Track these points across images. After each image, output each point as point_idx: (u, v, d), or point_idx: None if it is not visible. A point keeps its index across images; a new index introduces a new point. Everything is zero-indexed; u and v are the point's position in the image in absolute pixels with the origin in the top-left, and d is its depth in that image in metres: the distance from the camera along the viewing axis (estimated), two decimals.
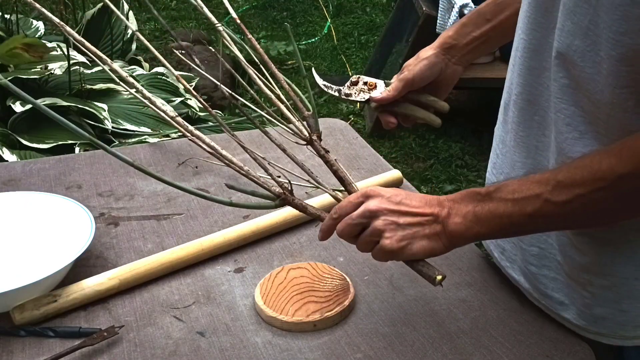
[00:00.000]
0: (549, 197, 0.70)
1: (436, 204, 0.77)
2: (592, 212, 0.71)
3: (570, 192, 0.69)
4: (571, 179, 0.69)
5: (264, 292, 0.92)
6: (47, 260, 0.93)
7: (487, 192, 0.75)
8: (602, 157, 0.68)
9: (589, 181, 0.68)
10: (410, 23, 3.34)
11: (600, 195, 0.68)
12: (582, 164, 0.69)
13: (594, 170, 0.68)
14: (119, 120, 2.15)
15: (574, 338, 0.86)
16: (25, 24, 2.58)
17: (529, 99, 0.83)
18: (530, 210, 0.71)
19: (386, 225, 0.77)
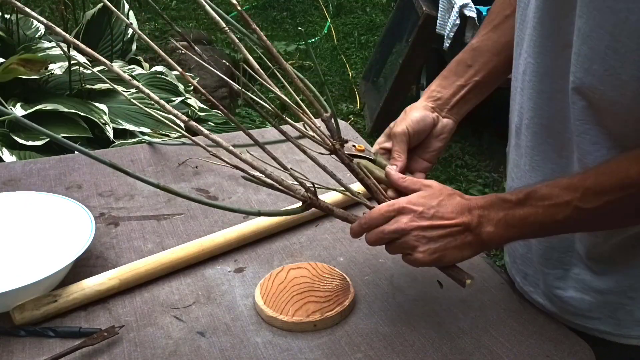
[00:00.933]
0: (579, 204, 0.70)
1: (467, 212, 0.76)
2: (621, 215, 0.72)
3: (600, 198, 0.70)
4: (600, 186, 0.70)
5: (264, 292, 0.92)
6: (47, 260, 0.93)
7: (518, 199, 0.74)
8: (629, 163, 0.68)
9: (617, 187, 0.69)
10: (410, 23, 3.34)
11: (630, 200, 0.69)
12: (609, 170, 0.70)
13: (622, 177, 0.68)
14: (119, 120, 2.15)
15: (574, 338, 0.86)
16: (25, 24, 2.58)
17: (541, 123, 0.81)
18: (561, 217, 0.72)
19: (418, 240, 0.77)
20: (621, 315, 0.84)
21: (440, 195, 0.78)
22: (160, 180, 1.23)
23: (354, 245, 1.05)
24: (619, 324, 0.85)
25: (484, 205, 0.76)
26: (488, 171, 3.13)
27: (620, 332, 0.85)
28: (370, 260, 1.01)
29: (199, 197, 0.78)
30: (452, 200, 0.77)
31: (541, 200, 0.73)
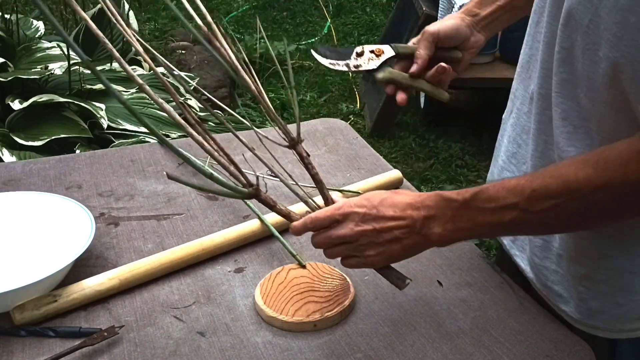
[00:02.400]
0: (525, 206, 0.70)
1: (410, 210, 0.76)
2: (568, 219, 0.72)
3: (546, 201, 0.69)
4: (546, 189, 0.69)
5: (264, 292, 0.92)
6: (47, 260, 0.93)
7: (464, 200, 0.74)
8: (577, 167, 0.68)
9: (564, 191, 0.69)
10: (410, 23, 3.34)
11: (575, 205, 0.69)
12: (557, 173, 0.70)
13: (569, 181, 0.68)
14: (119, 120, 2.15)
15: (574, 338, 0.86)
16: (25, 24, 2.58)
17: (540, 93, 0.84)
18: (508, 219, 0.72)
19: (365, 245, 0.77)
20: (578, 301, 0.85)
21: (383, 194, 0.78)
22: (160, 180, 1.23)
23: None
24: (578, 310, 0.86)
25: (430, 205, 0.75)
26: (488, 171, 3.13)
27: (577, 317, 0.86)
28: None
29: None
30: (394, 198, 0.77)
31: (488, 202, 0.72)
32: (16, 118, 2.07)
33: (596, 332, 0.86)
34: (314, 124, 1.47)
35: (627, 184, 0.66)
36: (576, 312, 0.86)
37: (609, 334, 0.85)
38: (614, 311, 0.83)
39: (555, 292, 0.88)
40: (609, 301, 0.83)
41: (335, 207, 0.79)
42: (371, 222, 0.76)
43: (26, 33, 2.51)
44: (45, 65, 2.17)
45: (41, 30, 2.56)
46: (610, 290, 0.82)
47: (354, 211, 0.77)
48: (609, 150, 0.68)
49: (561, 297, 0.88)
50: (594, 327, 0.85)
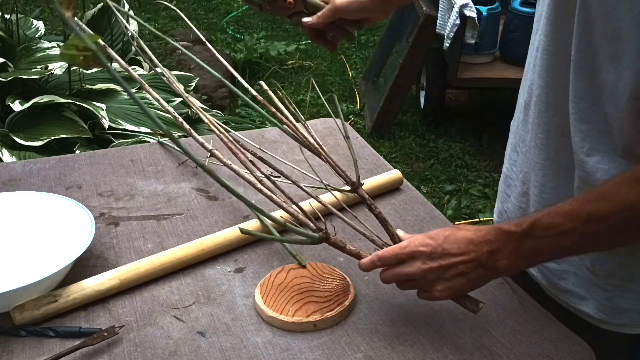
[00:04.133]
0: (583, 230, 0.72)
1: (473, 246, 0.78)
2: (623, 236, 0.74)
3: (603, 224, 0.72)
4: (601, 211, 0.71)
5: (264, 292, 0.92)
6: (47, 260, 0.93)
7: (523, 230, 0.76)
8: (628, 187, 0.70)
9: (619, 212, 0.71)
10: (410, 23, 3.34)
11: (631, 222, 0.71)
12: (609, 194, 0.71)
13: (622, 201, 0.70)
14: (119, 121, 2.15)
15: (574, 338, 0.86)
16: (25, 24, 2.58)
17: (547, 101, 0.84)
18: (569, 244, 0.75)
19: (433, 281, 0.80)
20: (603, 301, 0.86)
21: (445, 232, 0.80)
22: (160, 180, 1.23)
23: (354, 245, 1.04)
24: (602, 309, 0.87)
25: (492, 239, 0.77)
26: (488, 171, 3.13)
27: (600, 316, 0.88)
28: None
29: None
30: (457, 235, 0.79)
31: (546, 231, 0.74)
32: (16, 118, 2.07)
33: (623, 329, 0.87)
34: (314, 124, 1.47)
35: None
36: (600, 312, 0.87)
37: (635, 329, 0.87)
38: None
39: (576, 294, 0.90)
40: (636, 299, 0.85)
41: (401, 247, 0.81)
42: (437, 260, 0.78)
43: (26, 33, 2.51)
44: (45, 65, 2.17)
45: (41, 30, 2.56)
46: (637, 287, 0.84)
47: (419, 250, 0.79)
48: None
49: (582, 298, 0.89)
50: (621, 324, 0.87)
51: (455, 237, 0.79)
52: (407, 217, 1.12)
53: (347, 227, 0.90)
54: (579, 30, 0.75)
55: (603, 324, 0.89)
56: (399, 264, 0.81)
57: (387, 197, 1.19)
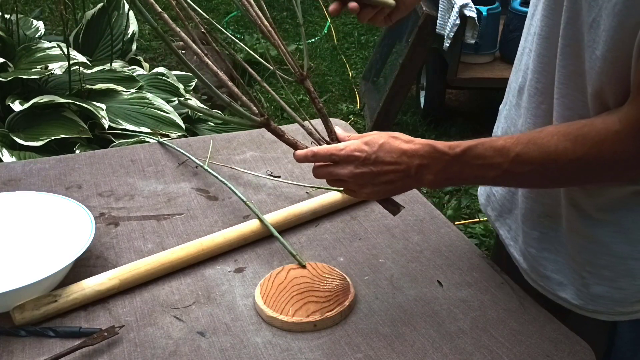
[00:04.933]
0: (508, 167, 0.77)
1: (406, 157, 0.82)
2: (543, 182, 0.81)
3: (526, 166, 0.77)
4: (528, 155, 0.76)
5: (264, 292, 0.92)
6: (47, 260, 0.93)
7: (455, 154, 0.80)
8: (559, 139, 0.75)
9: (543, 160, 0.75)
10: (410, 23, 3.34)
11: (552, 172, 0.77)
12: (540, 142, 0.76)
13: (550, 151, 0.75)
14: (119, 120, 2.15)
15: (574, 338, 0.86)
16: (25, 24, 2.58)
17: (537, 87, 0.86)
18: (492, 176, 0.80)
19: (362, 185, 0.84)
20: (580, 287, 0.89)
21: (380, 139, 0.83)
22: (160, 180, 1.23)
23: (354, 245, 1.05)
24: (579, 296, 0.89)
25: (424, 155, 0.82)
26: None
27: (578, 302, 0.89)
28: (370, 260, 1.01)
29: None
30: (392, 144, 0.83)
31: (476, 159, 0.79)
32: (16, 118, 2.07)
33: (598, 316, 0.89)
34: (314, 124, 1.47)
35: (600, 159, 0.73)
36: (577, 299, 0.89)
37: (610, 317, 0.88)
38: (615, 295, 0.86)
39: (554, 280, 0.91)
40: (612, 286, 0.86)
41: (337, 149, 0.84)
42: (369, 166, 0.82)
43: (26, 33, 2.51)
44: (45, 65, 2.17)
45: (41, 30, 2.56)
46: (613, 276, 0.85)
47: (354, 155, 0.83)
48: (588, 127, 0.74)
49: (560, 284, 0.91)
50: (596, 311, 0.88)
51: (390, 146, 0.83)
52: (407, 217, 1.12)
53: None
54: (566, 16, 0.77)
55: (580, 310, 0.90)
56: (333, 163, 0.85)
57: None
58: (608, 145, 0.72)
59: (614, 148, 0.71)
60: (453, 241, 1.06)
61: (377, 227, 1.10)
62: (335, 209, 1.13)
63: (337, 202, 1.14)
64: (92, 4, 3.19)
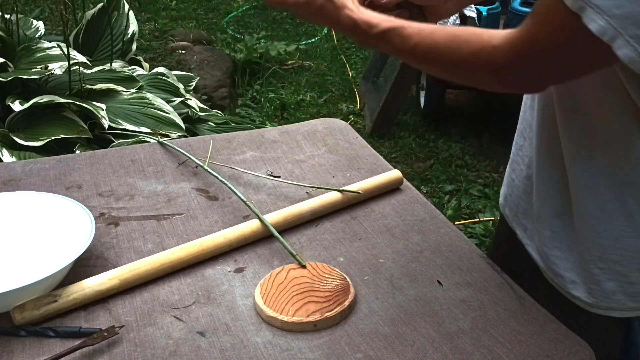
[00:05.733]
0: (407, 55, 0.88)
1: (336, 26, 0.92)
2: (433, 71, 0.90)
3: (419, 57, 0.87)
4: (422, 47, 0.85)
5: (264, 292, 0.92)
6: (47, 260, 0.93)
7: (373, 35, 0.89)
8: (449, 39, 0.84)
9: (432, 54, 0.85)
10: None
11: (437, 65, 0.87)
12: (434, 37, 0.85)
13: (438, 48, 0.84)
14: (119, 120, 2.15)
15: (574, 338, 0.86)
16: (25, 24, 2.58)
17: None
18: (398, 57, 0.98)
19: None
20: (592, 285, 0.90)
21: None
22: (160, 180, 1.23)
23: (354, 245, 1.05)
24: (591, 294, 0.91)
25: (349, 27, 0.90)
26: (488, 171, 3.13)
27: (590, 300, 0.91)
28: (370, 260, 1.01)
29: None
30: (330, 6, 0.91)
31: (386, 43, 0.88)
32: (16, 118, 2.07)
33: (611, 313, 0.90)
34: (314, 124, 1.47)
35: (473, 65, 0.82)
36: (590, 297, 0.91)
37: (624, 313, 0.90)
38: (628, 290, 0.88)
39: (567, 279, 0.93)
40: (623, 281, 0.88)
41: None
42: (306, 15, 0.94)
43: (26, 33, 2.51)
44: (45, 65, 2.17)
45: (41, 30, 2.56)
46: (624, 270, 0.87)
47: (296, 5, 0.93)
48: (475, 36, 0.82)
49: (573, 283, 0.92)
50: (609, 308, 0.90)
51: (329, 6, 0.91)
52: (407, 217, 1.12)
53: None
54: None
55: (593, 308, 0.91)
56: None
57: (387, 197, 1.19)
58: (484, 55, 0.80)
59: (488, 59, 0.80)
60: (453, 241, 1.06)
61: (377, 227, 1.10)
62: (335, 209, 1.13)
63: (337, 202, 1.14)
64: (92, 4, 3.19)
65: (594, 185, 0.87)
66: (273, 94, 3.80)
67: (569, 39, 0.72)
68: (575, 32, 0.70)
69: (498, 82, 0.82)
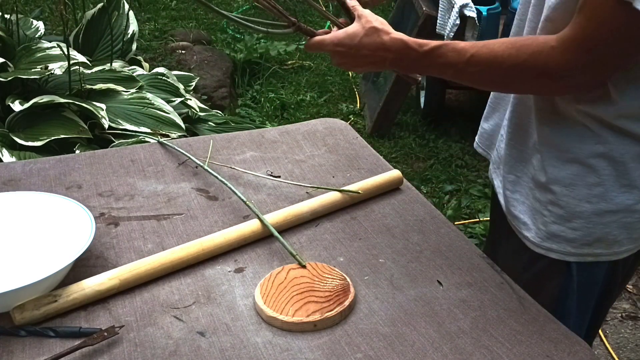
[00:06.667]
0: (463, 67, 0.91)
1: (382, 51, 0.96)
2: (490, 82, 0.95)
3: (477, 67, 0.90)
4: (480, 57, 0.90)
5: (264, 292, 0.92)
6: (47, 260, 0.93)
7: (423, 52, 0.94)
8: (506, 46, 0.88)
9: (491, 62, 0.89)
10: (410, 23, 3.34)
11: (497, 73, 0.91)
12: (491, 47, 0.89)
13: (497, 55, 0.88)
14: (119, 120, 2.15)
15: (574, 338, 0.86)
16: (25, 24, 2.58)
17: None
18: (451, 72, 0.94)
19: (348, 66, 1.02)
20: (540, 226, 1.00)
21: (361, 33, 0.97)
22: (160, 180, 1.23)
23: (354, 245, 1.05)
24: (538, 234, 1.01)
25: (397, 50, 0.95)
26: (488, 171, 3.13)
27: (536, 241, 1.01)
28: (370, 260, 1.01)
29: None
30: (372, 38, 0.96)
31: (439, 58, 0.93)
32: (16, 118, 2.07)
33: (550, 253, 1.00)
34: (314, 124, 1.47)
35: (535, 67, 0.86)
36: (536, 237, 1.01)
37: (562, 256, 0.99)
38: (569, 235, 0.98)
39: (521, 220, 1.03)
40: (567, 226, 0.97)
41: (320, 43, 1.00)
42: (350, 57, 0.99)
43: (26, 33, 2.51)
44: (45, 65, 2.17)
45: (41, 30, 2.56)
46: (568, 216, 0.97)
47: (334, 50, 0.99)
48: (532, 40, 0.88)
49: (525, 224, 1.03)
50: (549, 249, 1.00)
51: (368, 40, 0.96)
52: (407, 217, 1.12)
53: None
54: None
55: (537, 248, 1.01)
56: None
57: (387, 197, 1.19)
58: (543, 56, 0.85)
59: (548, 58, 0.84)
60: (453, 241, 1.06)
61: (377, 227, 1.10)
62: (335, 209, 1.13)
63: (337, 202, 1.14)
64: (92, 4, 3.19)
65: (552, 137, 0.95)
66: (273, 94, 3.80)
67: (622, 26, 0.77)
68: (628, 19, 0.75)
69: (558, 82, 0.86)
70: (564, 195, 0.96)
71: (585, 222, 0.96)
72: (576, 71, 0.84)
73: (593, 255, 0.98)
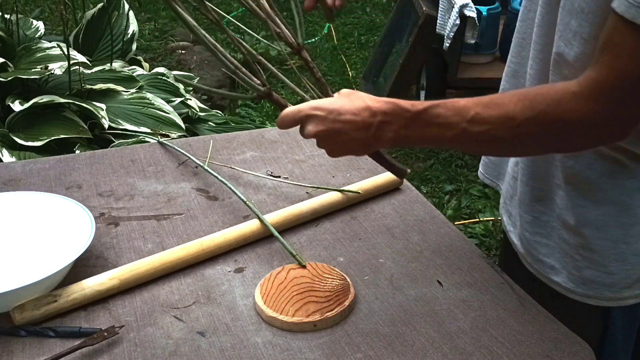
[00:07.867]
0: (466, 127, 0.76)
1: (368, 113, 0.79)
2: (499, 144, 0.79)
3: (483, 126, 0.76)
4: (487, 114, 0.76)
5: (264, 292, 0.92)
6: (47, 260, 0.93)
7: (416, 112, 0.78)
8: (518, 98, 0.75)
9: (501, 118, 0.75)
10: (410, 23, 3.34)
11: (508, 132, 0.76)
12: (499, 101, 0.76)
13: (507, 109, 0.75)
14: (119, 120, 2.15)
15: (574, 338, 0.86)
16: (25, 24, 2.58)
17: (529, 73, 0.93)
18: (450, 136, 0.78)
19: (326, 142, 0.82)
20: (572, 271, 0.90)
21: (344, 98, 0.82)
22: (160, 180, 1.23)
23: (354, 245, 1.05)
24: (570, 279, 0.91)
25: (386, 111, 0.79)
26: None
27: (569, 286, 0.91)
28: (370, 260, 1.01)
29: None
30: (355, 102, 0.80)
31: (436, 118, 0.78)
32: (16, 118, 2.07)
33: (588, 300, 0.90)
34: None
35: (556, 119, 0.73)
36: (569, 282, 0.91)
37: (600, 302, 0.90)
38: (605, 280, 0.88)
39: (547, 264, 0.93)
40: (602, 270, 0.88)
41: (296, 110, 0.82)
42: (328, 124, 0.80)
43: (26, 33, 2.51)
44: (45, 65, 2.17)
45: (41, 30, 2.56)
46: (604, 260, 0.87)
47: (312, 114, 0.81)
48: (547, 88, 0.76)
49: (553, 268, 0.93)
50: (586, 295, 0.90)
51: (353, 103, 0.80)
52: (407, 217, 1.12)
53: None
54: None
55: (571, 294, 0.91)
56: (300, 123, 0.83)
57: (387, 197, 1.19)
58: (565, 104, 0.72)
59: (570, 108, 0.72)
60: (453, 241, 1.06)
61: (377, 227, 1.10)
62: (335, 209, 1.13)
63: (337, 202, 1.14)
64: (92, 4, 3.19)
65: (578, 172, 0.85)
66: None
67: None
68: None
69: (583, 136, 0.75)
70: (597, 239, 0.86)
71: (623, 265, 0.87)
72: (605, 121, 0.72)
73: (634, 297, 0.89)
